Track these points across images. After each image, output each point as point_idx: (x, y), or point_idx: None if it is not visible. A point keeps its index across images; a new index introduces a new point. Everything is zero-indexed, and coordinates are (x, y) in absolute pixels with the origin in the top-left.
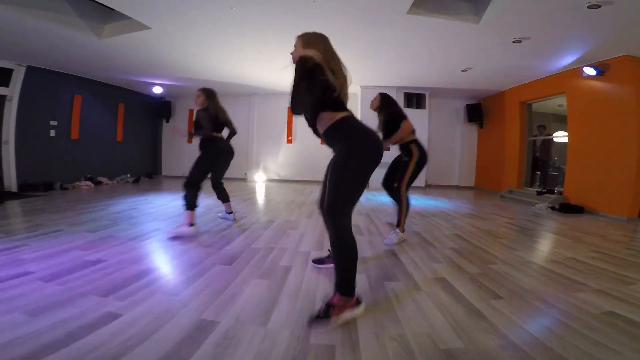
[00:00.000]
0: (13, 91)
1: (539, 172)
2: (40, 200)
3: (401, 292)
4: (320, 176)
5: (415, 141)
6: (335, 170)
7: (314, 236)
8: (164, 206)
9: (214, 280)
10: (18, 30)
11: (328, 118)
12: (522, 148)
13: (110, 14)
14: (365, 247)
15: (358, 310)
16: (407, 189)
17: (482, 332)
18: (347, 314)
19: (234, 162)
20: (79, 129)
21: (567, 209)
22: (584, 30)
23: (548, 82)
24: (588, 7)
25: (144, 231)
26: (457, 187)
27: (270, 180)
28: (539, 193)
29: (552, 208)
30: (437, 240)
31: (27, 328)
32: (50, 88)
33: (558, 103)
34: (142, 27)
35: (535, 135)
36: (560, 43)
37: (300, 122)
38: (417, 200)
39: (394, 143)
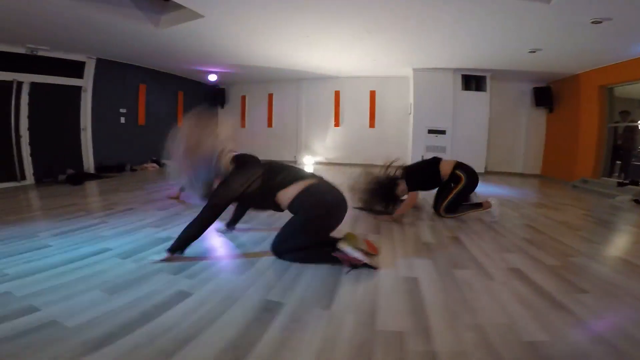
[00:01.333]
0: (87, 82)
1: (619, 162)
2: (114, 180)
3: (473, 281)
4: (367, 160)
5: (460, 166)
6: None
7: (368, 217)
8: None
9: (276, 260)
10: (86, 24)
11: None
12: (600, 135)
13: (166, 6)
14: (426, 233)
15: None
16: (449, 212)
17: (568, 325)
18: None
19: (284, 145)
20: (145, 116)
21: None
22: None
23: (635, 65)
24: None
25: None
26: (521, 175)
27: (318, 163)
28: (620, 184)
29: (636, 201)
30: (507, 230)
31: (105, 307)
32: (118, 78)
33: None
34: (196, 15)
35: (617, 122)
36: None
37: (347, 106)
38: (478, 187)
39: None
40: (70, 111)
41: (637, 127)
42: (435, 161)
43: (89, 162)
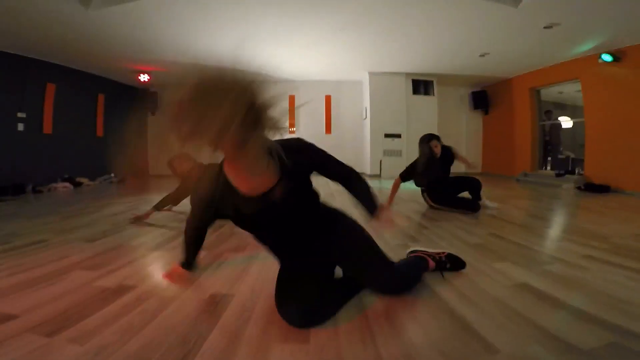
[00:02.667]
0: None
1: (549, 157)
2: (10, 204)
3: (577, 273)
4: (360, 168)
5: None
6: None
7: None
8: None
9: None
10: None
11: None
12: (534, 132)
13: None
14: (459, 232)
15: None
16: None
17: None
18: None
19: None
20: (52, 123)
21: (594, 188)
22: (615, 19)
23: (561, 68)
24: None
25: (167, 235)
26: (466, 174)
27: None
28: (558, 175)
29: (579, 188)
30: (522, 221)
31: None
32: (17, 75)
33: (558, 91)
34: None
35: (544, 120)
36: (587, 30)
37: (303, 111)
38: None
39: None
40: None
41: (560, 124)
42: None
43: None
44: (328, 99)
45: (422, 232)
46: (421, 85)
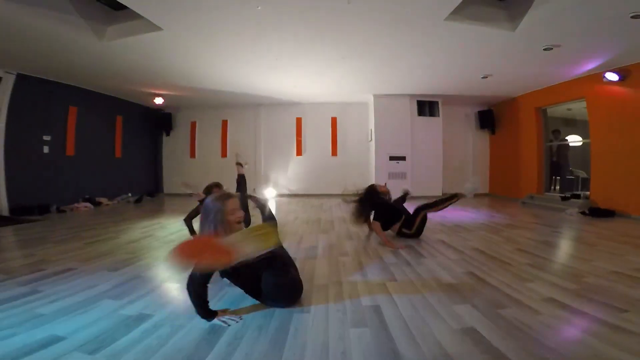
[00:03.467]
0: (1, 102)
1: (557, 177)
2: (37, 225)
3: (525, 319)
4: (332, 189)
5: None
6: None
7: (371, 258)
8: (183, 231)
9: (303, 336)
10: (8, 30)
11: None
12: (540, 153)
13: (114, 15)
14: (440, 271)
15: None
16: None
17: None
18: None
19: None
20: (75, 144)
21: (598, 213)
22: (618, 38)
23: (566, 87)
24: (632, 17)
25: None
26: (473, 195)
27: (281, 195)
28: (564, 198)
29: (583, 213)
30: (506, 257)
31: None
32: (42, 99)
33: (567, 107)
34: (153, 28)
35: (551, 140)
36: (590, 50)
37: (309, 134)
38: (445, 212)
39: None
40: None
41: (568, 144)
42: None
43: (1, 203)
44: (334, 121)
45: (404, 270)
46: (426, 106)
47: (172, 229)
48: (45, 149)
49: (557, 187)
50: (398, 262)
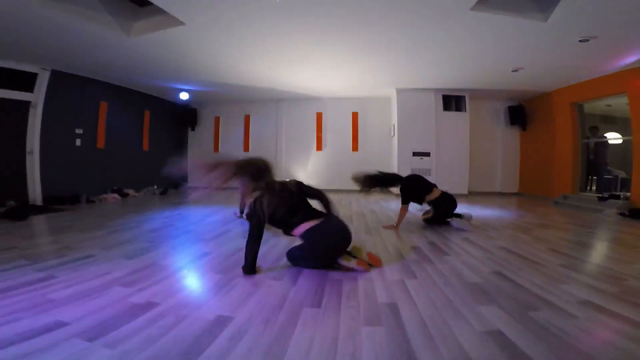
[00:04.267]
0: (38, 97)
1: (594, 177)
2: (67, 215)
3: (559, 323)
4: (351, 185)
5: (437, 201)
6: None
7: (391, 255)
8: (203, 222)
9: (317, 330)
10: (44, 28)
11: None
12: (575, 151)
13: (139, 11)
14: (465, 270)
15: None
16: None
17: None
18: None
19: None
20: (105, 138)
21: (639, 214)
22: None
23: (605, 82)
24: None
25: (192, 256)
26: (501, 194)
27: None
28: (601, 199)
29: (622, 214)
30: (537, 257)
31: None
32: (75, 94)
33: (606, 103)
34: (176, 22)
35: (588, 137)
36: (631, 42)
37: (330, 129)
38: (472, 210)
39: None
40: (14, 130)
41: (607, 142)
42: (430, 187)
43: (35, 192)
44: (355, 116)
45: (425, 267)
46: (452, 101)
47: (193, 219)
48: (78, 142)
49: (593, 188)
50: (419, 260)
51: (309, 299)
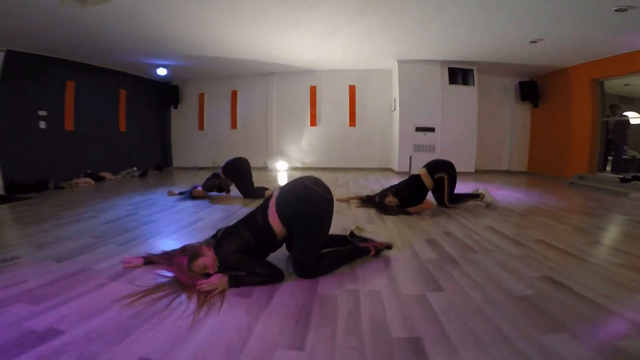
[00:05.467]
0: None
1: (610, 157)
2: (28, 204)
3: None
4: (349, 162)
5: (434, 168)
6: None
7: (401, 251)
8: (172, 209)
9: None
10: None
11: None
12: (594, 130)
13: None
14: (499, 272)
15: None
16: (452, 202)
17: None
18: None
19: (252, 150)
20: (74, 119)
21: None
22: None
23: (631, 58)
24: None
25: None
26: (508, 172)
27: (293, 168)
28: (624, 180)
29: None
30: (586, 253)
31: None
32: (36, 74)
33: (624, 82)
34: None
35: (608, 116)
36: None
37: (325, 103)
38: (505, 194)
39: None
40: None
41: (628, 121)
42: (416, 177)
43: None
44: (352, 90)
45: (450, 272)
46: (459, 74)
47: (161, 205)
48: (42, 125)
49: (608, 168)
50: (440, 259)
51: (286, 333)
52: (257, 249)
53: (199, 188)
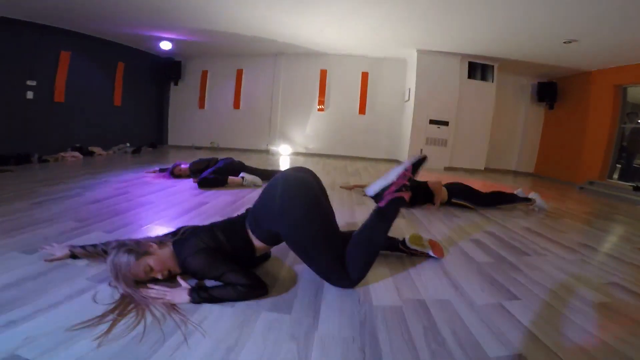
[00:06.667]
0: None
1: (618, 165)
2: (3, 178)
3: None
4: (356, 151)
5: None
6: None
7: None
8: (171, 188)
9: None
10: None
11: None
12: (611, 136)
13: None
14: (564, 278)
15: None
16: (491, 203)
17: None
18: None
19: (254, 132)
20: (65, 91)
21: None
22: None
23: None
24: None
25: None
26: (515, 173)
27: (296, 153)
28: (637, 189)
29: None
30: (638, 260)
31: None
32: (28, 43)
33: None
34: None
35: (625, 123)
36: None
37: (335, 88)
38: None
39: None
40: None
41: None
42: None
43: None
44: (365, 76)
45: (515, 277)
46: (479, 69)
47: (157, 185)
48: (29, 95)
49: (615, 175)
50: (496, 263)
51: None
52: (232, 258)
53: (183, 166)
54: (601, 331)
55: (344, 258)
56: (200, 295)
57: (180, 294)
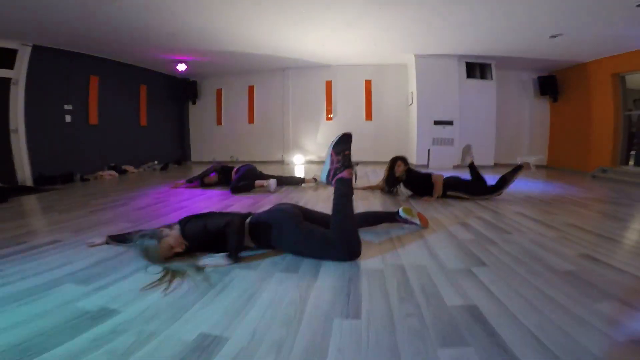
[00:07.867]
0: (19, 73)
1: (632, 152)
2: (56, 194)
3: None
4: (365, 156)
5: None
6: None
7: (435, 230)
8: (201, 196)
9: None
10: (18, 3)
11: None
12: (617, 123)
13: None
14: (537, 250)
15: None
16: (495, 189)
17: None
18: None
19: (269, 144)
20: (98, 113)
21: None
22: None
23: None
24: None
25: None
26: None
27: (309, 162)
28: None
29: None
30: (619, 236)
31: None
32: (61, 69)
33: None
34: None
35: (630, 110)
36: None
37: (341, 97)
38: (526, 185)
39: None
40: None
41: None
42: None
43: (24, 172)
44: (368, 84)
45: (490, 249)
46: (477, 69)
47: (189, 194)
48: (68, 118)
49: (631, 162)
50: (477, 239)
51: (339, 304)
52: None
53: (212, 175)
54: (554, 291)
55: (329, 238)
56: (230, 257)
57: (219, 261)
